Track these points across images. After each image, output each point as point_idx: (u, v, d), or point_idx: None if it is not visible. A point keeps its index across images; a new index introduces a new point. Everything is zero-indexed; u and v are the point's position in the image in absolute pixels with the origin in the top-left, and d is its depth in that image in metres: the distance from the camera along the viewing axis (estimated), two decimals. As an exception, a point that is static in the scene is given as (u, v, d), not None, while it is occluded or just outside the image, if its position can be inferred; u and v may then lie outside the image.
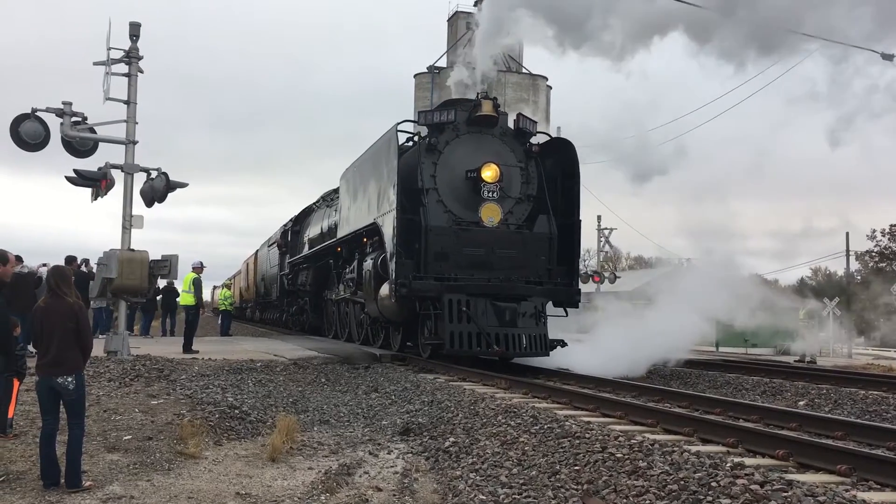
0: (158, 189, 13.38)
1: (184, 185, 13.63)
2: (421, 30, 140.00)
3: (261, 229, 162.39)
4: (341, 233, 18.10)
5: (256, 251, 36.33)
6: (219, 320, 27.94)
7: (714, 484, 5.12)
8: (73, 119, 12.96)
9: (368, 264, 15.14)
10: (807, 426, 7.72)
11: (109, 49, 13.09)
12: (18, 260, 11.42)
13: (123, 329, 13.31)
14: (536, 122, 14.83)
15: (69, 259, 15.59)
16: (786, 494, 4.80)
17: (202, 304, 17.47)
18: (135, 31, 13.28)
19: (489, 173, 13.58)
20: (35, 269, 13.08)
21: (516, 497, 5.62)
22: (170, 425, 7.61)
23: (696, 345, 19.26)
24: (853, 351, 27.79)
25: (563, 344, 13.48)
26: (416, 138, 14.54)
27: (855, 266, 47.05)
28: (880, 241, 47.55)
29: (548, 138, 15.50)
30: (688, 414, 8.17)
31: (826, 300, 27.48)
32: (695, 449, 6.12)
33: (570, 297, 14.22)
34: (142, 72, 13.41)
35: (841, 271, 46.28)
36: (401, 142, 14.05)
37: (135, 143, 13.40)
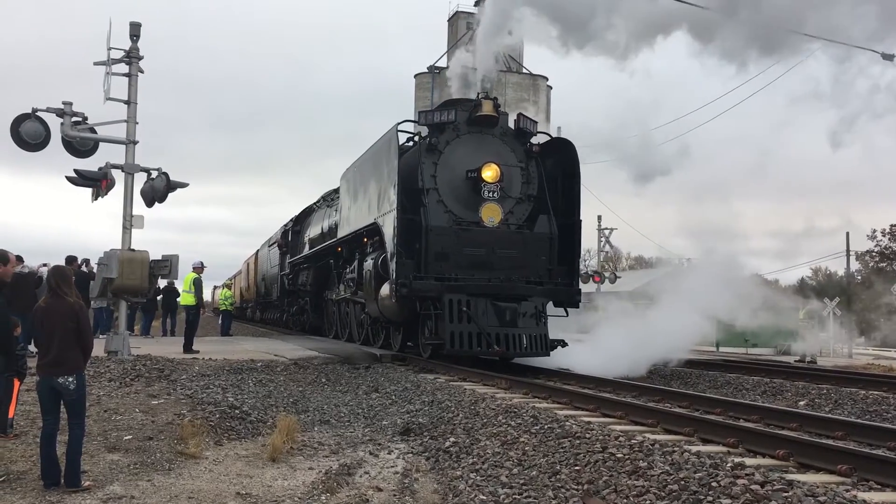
0: (159, 189, 13.39)
1: (184, 185, 13.65)
2: (421, 30, 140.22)
3: (261, 229, 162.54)
4: (342, 233, 18.10)
5: (257, 251, 36.30)
6: (219, 320, 27.93)
7: (714, 484, 5.12)
8: (74, 119, 12.97)
9: (369, 264, 15.14)
10: (807, 426, 7.72)
11: (110, 49, 13.12)
12: (19, 260, 11.42)
13: (124, 329, 13.31)
14: (537, 122, 14.83)
15: (70, 259, 15.60)
16: (786, 494, 4.80)
17: (203, 304, 17.48)
18: (135, 31, 13.30)
19: (489, 173, 13.58)
20: (35, 269, 13.10)
21: (517, 497, 5.62)
22: (170, 425, 7.61)
23: (696, 345, 19.26)
24: (853, 351, 27.80)
25: (563, 344, 13.48)
26: (417, 138, 14.52)
27: (855, 266, 47.14)
28: (881, 241, 47.59)
29: (548, 138, 15.49)
30: (688, 414, 8.17)
31: (826, 300, 27.49)
32: (695, 449, 6.12)
33: (570, 297, 14.22)
34: (142, 72, 13.43)
35: (841, 271, 46.34)
36: (401, 142, 14.05)
37: (135, 143, 13.41)
